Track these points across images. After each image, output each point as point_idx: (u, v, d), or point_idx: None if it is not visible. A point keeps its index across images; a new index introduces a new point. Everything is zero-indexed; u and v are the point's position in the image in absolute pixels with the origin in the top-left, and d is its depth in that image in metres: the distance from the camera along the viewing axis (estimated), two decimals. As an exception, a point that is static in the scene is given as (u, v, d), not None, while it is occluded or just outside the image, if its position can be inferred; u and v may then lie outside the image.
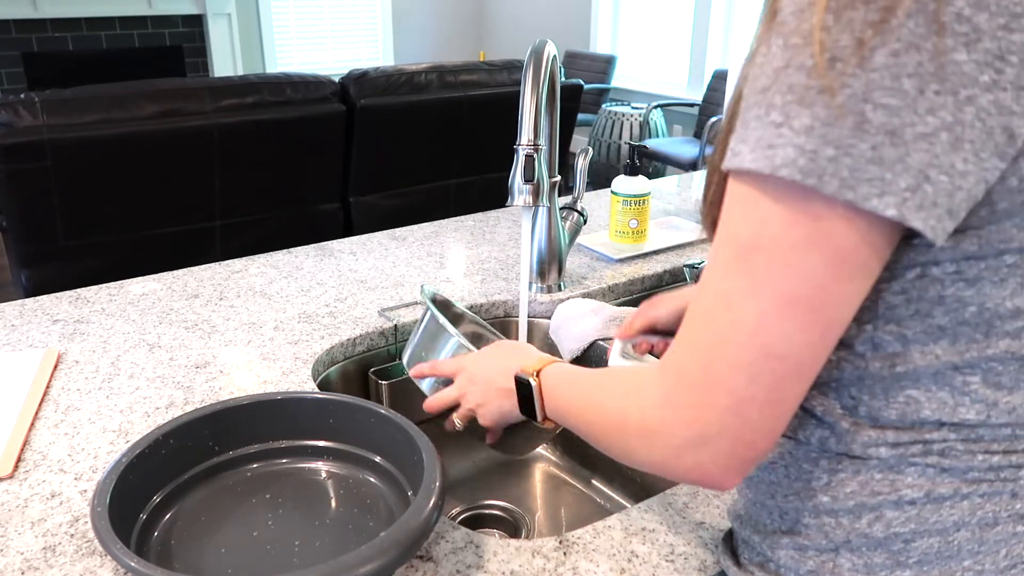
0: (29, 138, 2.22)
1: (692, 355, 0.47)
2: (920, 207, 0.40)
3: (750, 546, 0.59)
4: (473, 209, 2.59)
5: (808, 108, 0.40)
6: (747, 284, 0.44)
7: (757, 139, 0.42)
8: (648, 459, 0.51)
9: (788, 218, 0.42)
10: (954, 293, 0.45)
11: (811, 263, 0.42)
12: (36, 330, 1.12)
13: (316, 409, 0.82)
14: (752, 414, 0.45)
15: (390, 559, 0.60)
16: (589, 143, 5.17)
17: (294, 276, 1.31)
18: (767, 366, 0.44)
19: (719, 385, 0.45)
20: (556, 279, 1.26)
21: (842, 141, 0.39)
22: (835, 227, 0.41)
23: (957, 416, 0.48)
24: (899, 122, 0.39)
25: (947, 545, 0.50)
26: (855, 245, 0.42)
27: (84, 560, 0.69)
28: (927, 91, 0.38)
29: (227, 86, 2.55)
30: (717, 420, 0.46)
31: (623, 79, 5.63)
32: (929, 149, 0.39)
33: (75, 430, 0.88)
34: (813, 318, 0.43)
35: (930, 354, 0.47)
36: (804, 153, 0.40)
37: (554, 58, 1.02)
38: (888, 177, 0.39)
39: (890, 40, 0.38)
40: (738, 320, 0.44)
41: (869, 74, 0.39)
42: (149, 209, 2.52)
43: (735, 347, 0.44)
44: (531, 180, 0.97)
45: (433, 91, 2.92)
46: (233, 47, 6.00)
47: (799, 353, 0.44)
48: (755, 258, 0.43)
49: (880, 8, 0.38)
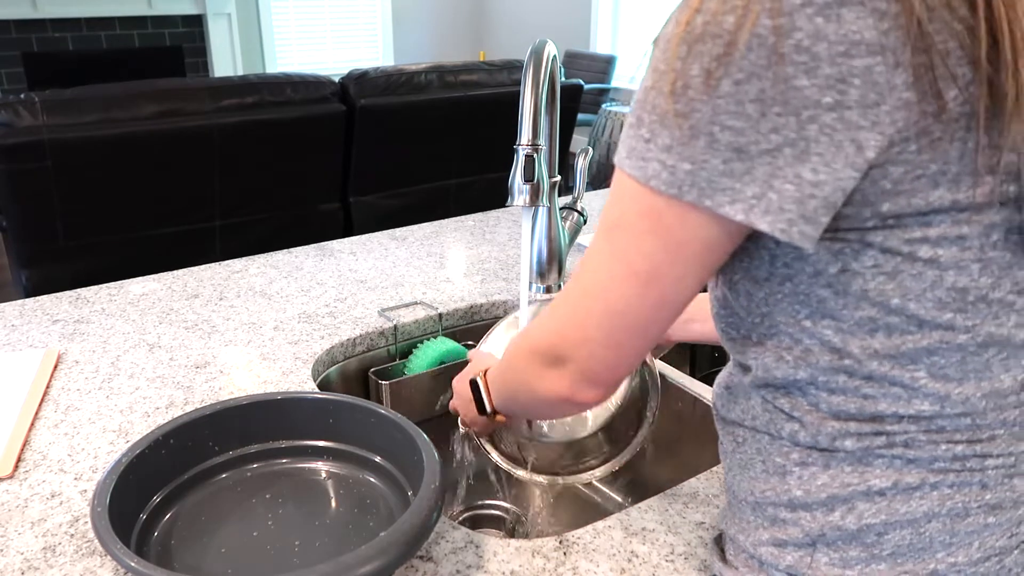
0: (29, 138, 2.22)
1: (564, 298, 0.57)
2: (766, 212, 0.45)
3: (735, 544, 0.61)
4: (473, 209, 2.59)
5: (667, 129, 0.46)
6: (607, 253, 0.52)
7: (631, 148, 0.49)
8: (531, 382, 0.61)
9: (641, 211, 0.49)
10: (876, 287, 0.49)
11: (652, 247, 0.50)
12: (36, 330, 1.12)
13: (316, 409, 0.82)
14: (596, 351, 0.55)
15: (390, 559, 0.60)
16: (589, 143, 5.17)
17: (294, 276, 1.31)
18: (609, 319, 0.53)
19: (575, 323, 0.55)
20: (556, 279, 1.26)
21: (696, 157, 0.46)
22: (673, 223, 0.48)
23: (913, 408, 0.51)
24: (744, 140, 0.44)
25: (919, 537, 0.52)
26: (687, 238, 0.49)
27: (84, 560, 0.69)
28: (769, 113, 0.43)
29: (227, 86, 2.55)
30: (571, 348, 0.56)
31: (623, 79, 5.62)
32: (772, 162, 0.44)
33: (75, 430, 0.88)
34: (648, 288, 0.51)
35: (868, 348, 0.50)
36: (666, 167, 0.47)
37: (554, 58, 1.02)
38: (737, 187, 0.45)
39: (733, 71, 0.44)
40: (596, 280, 0.53)
41: (715, 100, 0.44)
42: (149, 209, 2.52)
43: (591, 299, 0.54)
44: (531, 180, 0.97)
45: (433, 91, 2.92)
46: (233, 47, 6.00)
47: (636, 313, 0.52)
48: (615, 234, 0.52)
49: (725, 43, 0.44)
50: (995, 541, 0.52)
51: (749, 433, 0.58)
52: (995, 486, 0.52)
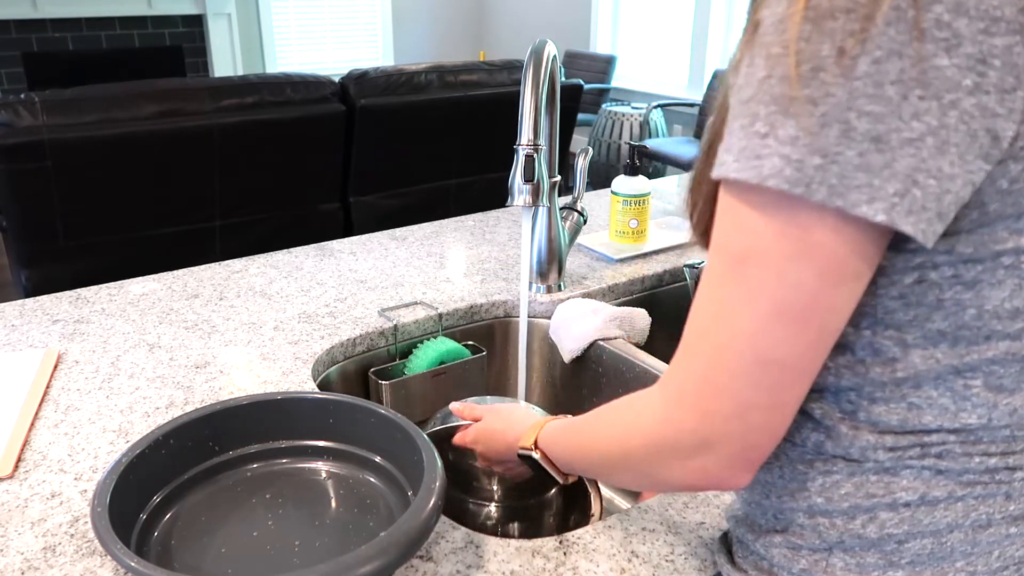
0: (29, 138, 2.22)
1: (692, 366, 0.48)
2: (909, 211, 0.40)
3: (744, 545, 0.60)
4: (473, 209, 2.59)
5: (793, 118, 0.40)
6: (741, 293, 0.44)
7: (741, 149, 0.43)
8: (658, 475, 0.53)
9: (778, 230, 0.42)
10: (952, 296, 0.45)
11: (801, 274, 0.43)
12: (36, 330, 1.12)
13: (316, 409, 0.82)
14: (755, 418, 0.46)
15: (390, 559, 0.60)
16: (589, 143, 5.16)
17: (294, 276, 1.31)
18: (765, 372, 0.45)
19: (721, 392, 0.46)
20: (556, 279, 1.26)
21: (828, 149, 0.40)
22: (824, 238, 0.42)
23: (959, 421, 0.48)
24: (884, 128, 0.39)
25: (940, 546, 0.50)
26: (845, 255, 0.42)
27: (84, 560, 0.69)
28: (911, 96, 0.39)
29: (227, 86, 2.55)
30: (721, 426, 0.47)
31: (623, 79, 5.62)
32: (916, 154, 0.39)
33: (75, 430, 0.88)
34: (806, 325, 0.44)
35: (931, 358, 0.47)
36: (790, 163, 0.41)
37: (554, 58, 1.02)
38: (876, 183, 0.40)
39: (871, 48, 0.39)
40: (734, 328, 0.45)
41: (852, 82, 0.39)
42: (149, 209, 2.52)
43: (733, 355, 0.45)
44: (531, 180, 0.97)
45: (433, 91, 2.92)
46: (233, 47, 6.00)
47: (796, 359, 0.45)
48: (747, 267, 0.44)
49: (860, 17, 0.39)
50: (1015, 551, 0.51)
51: None
52: (1019, 497, 0.50)
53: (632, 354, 1.11)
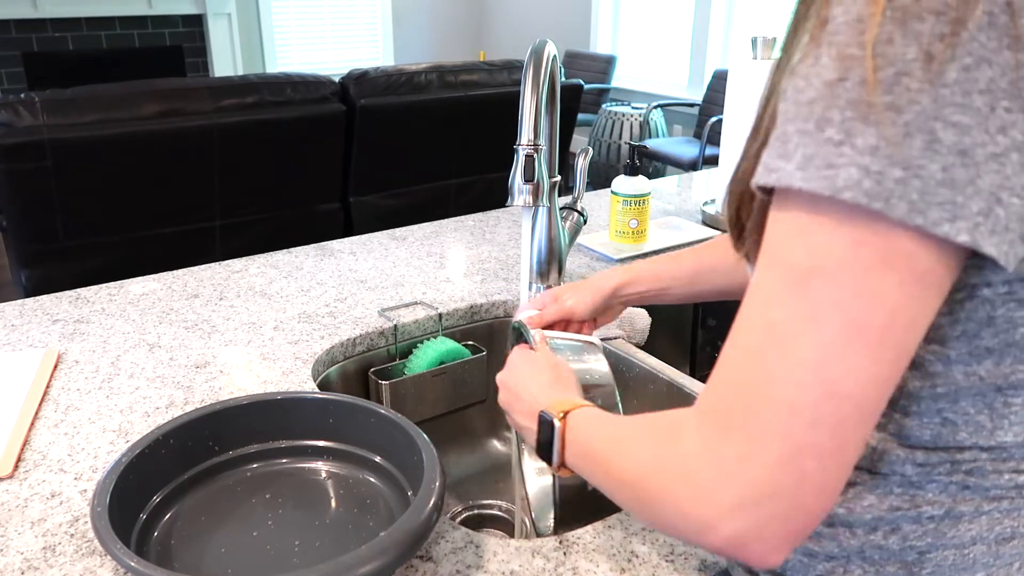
0: (29, 138, 2.22)
1: (736, 396, 0.41)
2: (993, 232, 0.37)
3: None
4: (473, 209, 2.59)
5: (873, 126, 0.37)
6: (805, 313, 0.39)
7: (808, 157, 0.39)
8: (681, 524, 0.44)
9: (856, 238, 0.38)
10: (1004, 314, 0.43)
11: (884, 286, 0.38)
12: (36, 330, 1.12)
13: (316, 409, 0.82)
14: (811, 466, 0.39)
15: (390, 559, 0.60)
16: (589, 143, 5.16)
17: (294, 276, 1.31)
18: (829, 407, 0.39)
19: (771, 431, 0.40)
20: (556, 279, 1.26)
21: (911, 162, 0.37)
22: (909, 247, 0.38)
23: (995, 439, 0.47)
24: (970, 141, 0.37)
25: (963, 558, 0.49)
26: (931, 266, 0.38)
27: (84, 560, 0.69)
28: (998, 108, 0.37)
29: (227, 86, 2.55)
30: (768, 476, 0.40)
31: (623, 79, 5.62)
32: (1000, 170, 0.37)
33: (75, 430, 0.88)
34: (884, 348, 0.39)
35: (973, 375, 0.45)
36: (870, 174, 0.37)
37: (554, 58, 1.02)
38: (960, 200, 0.37)
39: (962, 54, 0.36)
40: (795, 355, 0.39)
41: (939, 90, 0.36)
42: (149, 209, 2.52)
43: (793, 386, 0.39)
44: (531, 180, 0.97)
45: (433, 91, 2.92)
46: (233, 47, 6.00)
47: (865, 389, 0.39)
48: (815, 284, 0.39)
49: (950, 20, 0.36)
50: None
51: None
52: None
53: (632, 354, 1.11)
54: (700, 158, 4.24)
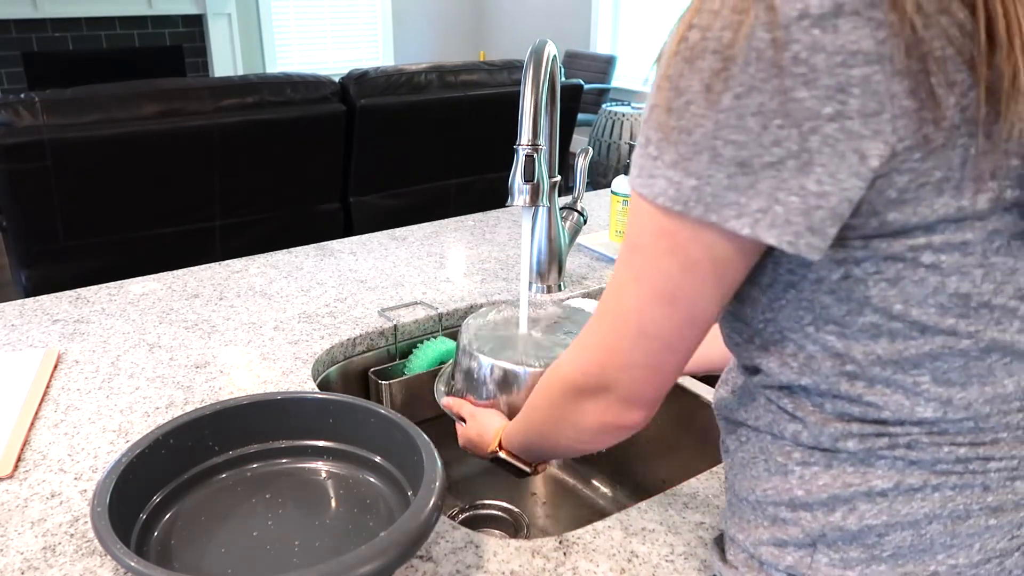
0: (29, 138, 2.22)
1: (597, 327, 0.57)
2: (772, 225, 0.45)
3: (735, 543, 0.61)
4: (473, 209, 2.58)
5: (673, 145, 0.47)
6: (631, 276, 0.53)
7: (640, 167, 0.49)
8: (575, 417, 0.62)
9: (656, 230, 0.50)
10: (879, 293, 0.49)
11: (670, 267, 0.50)
12: (36, 330, 1.12)
13: (316, 409, 0.82)
14: (637, 374, 0.56)
15: (390, 559, 0.60)
16: (589, 143, 5.16)
17: (294, 276, 1.31)
18: (644, 342, 0.54)
19: (612, 351, 0.56)
20: (556, 279, 1.26)
21: (701, 172, 0.46)
22: (685, 241, 0.49)
23: (916, 415, 0.51)
24: (747, 154, 0.44)
25: (920, 538, 0.52)
26: (701, 256, 0.49)
27: (84, 560, 0.69)
28: (771, 126, 0.44)
29: (227, 86, 2.55)
30: (613, 375, 0.56)
31: (623, 79, 5.62)
32: (776, 175, 0.44)
33: (75, 430, 0.88)
34: (673, 309, 0.51)
35: (871, 353, 0.50)
36: (672, 184, 0.47)
37: (554, 58, 1.02)
38: (743, 201, 0.45)
39: (733, 85, 0.44)
40: (625, 304, 0.54)
41: (717, 115, 0.44)
42: (149, 209, 2.52)
43: (623, 324, 0.54)
44: (531, 180, 0.97)
45: (433, 91, 2.91)
46: (233, 47, 6.00)
47: (668, 334, 0.53)
48: (635, 256, 0.52)
49: (724, 57, 0.44)
50: (996, 543, 0.52)
51: (752, 432, 0.58)
52: (997, 488, 0.52)
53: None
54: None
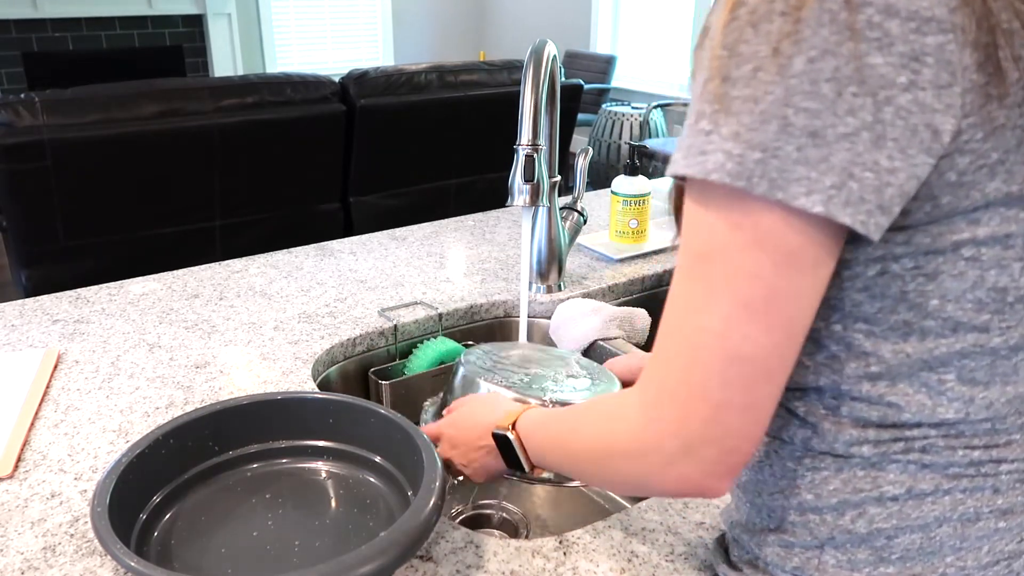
0: (29, 138, 2.22)
1: (667, 366, 0.48)
2: (847, 203, 0.42)
3: (739, 545, 0.60)
4: (473, 209, 2.59)
5: (734, 116, 0.42)
6: (704, 290, 0.45)
7: (689, 146, 0.44)
8: (636, 479, 0.52)
9: (731, 222, 0.44)
10: (915, 288, 0.47)
11: (758, 265, 0.43)
12: (36, 330, 1.12)
13: (316, 409, 0.82)
14: (731, 420, 0.46)
15: (390, 559, 0.60)
16: (589, 143, 5.16)
17: (294, 276, 1.31)
18: (736, 370, 0.45)
19: (696, 393, 0.46)
20: (556, 279, 1.26)
21: (767, 144, 0.42)
22: (775, 227, 0.43)
23: (937, 416, 0.50)
24: (820, 124, 0.41)
25: (929, 541, 0.51)
26: (799, 243, 0.43)
27: (84, 560, 0.69)
28: (845, 93, 0.41)
29: (227, 86, 2.55)
30: (699, 429, 0.47)
31: (623, 79, 5.62)
32: (851, 148, 0.41)
33: (75, 430, 0.88)
34: (769, 318, 0.44)
35: (901, 352, 0.49)
36: (731, 157, 0.42)
37: (554, 58, 1.02)
38: (814, 176, 0.41)
39: (805, 48, 0.41)
40: (702, 326, 0.45)
41: (788, 80, 0.41)
42: (149, 209, 2.52)
43: (705, 352, 0.45)
44: (531, 180, 0.97)
45: (433, 91, 2.91)
46: (233, 47, 6.00)
47: (766, 353, 0.45)
48: (707, 264, 0.45)
49: (794, 20, 0.41)
50: (1004, 545, 0.52)
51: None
52: (1007, 491, 0.51)
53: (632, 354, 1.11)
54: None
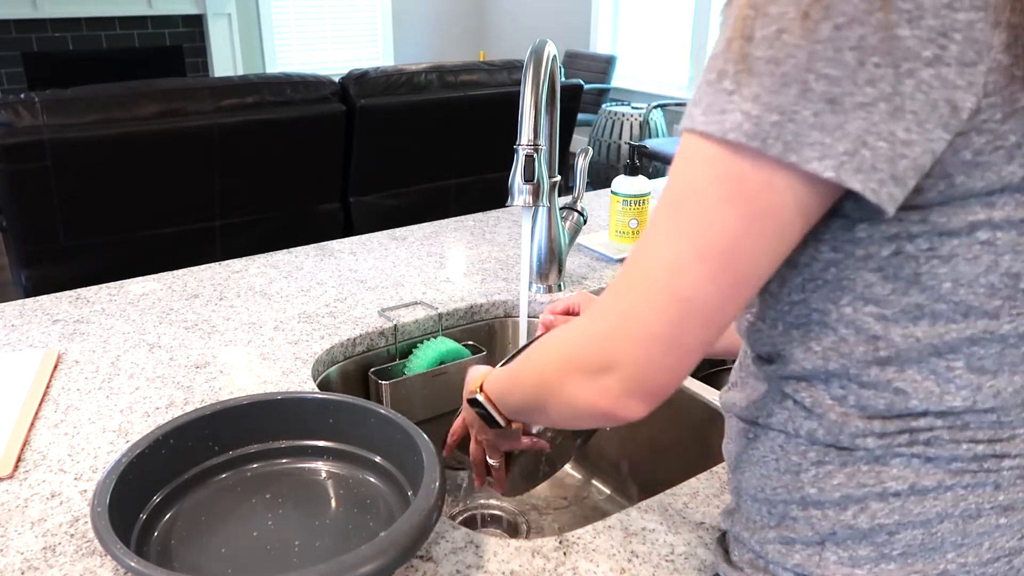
0: (29, 138, 2.22)
1: (615, 290, 0.50)
2: (858, 170, 0.42)
3: (740, 542, 0.60)
4: (473, 209, 2.58)
5: (756, 77, 0.42)
6: (671, 230, 0.46)
7: (709, 104, 0.44)
8: (567, 393, 0.54)
9: (716, 176, 0.44)
10: (929, 270, 0.47)
11: (728, 218, 0.44)
12: (36, 330, 1.12)
13: (316, 409, 0.82)
14: (655, 351, 0.48)
15: (390, 559, 0.60)
16: (589, 143, 5.16)
17: (294, 276, 1.31)
18: (675, 308, 0.47)
19: (631, 318, 0.48)
20: (556, 279, 1.26)
21: (786, 107, 0.42)
22: (755, 187, 0.44)
23: (944, 404, 0.50)
24: (839, 91, 0.41)
25: (931, 537, 0.51)
26: (771, 205, 0.44)
27: (84, 560, 0.69)
28: (867, 63, 0.41)
29: (227, 86, 2.55)
30: (625, 350, 0.49)
31: (623, 79, 5.62)
32: (867, 117, 0.41)
33: (75, 430, 0.88)
34: (722, 269, 0.45)
35: (911, 336, 0.48)
36: (750, 118, 0.43)
37: (554, 58, 1.02)
38: (828, 141, 0.42)
39: (834, 14, 0.40)
40: (657, 262, 0.47)
41: (813, 45, 0.41)
42: (149, 209, 2.52)
43: (651, 285, 0.47)
44: (531, 180, 0.97)
45: (433, 91, 2.91)
46: (233, 47, 6.00)
47: (706, 300, 0.46)
48: (681, 208, 0.46)
49: None
50: (1005, 542, 0.52)
51: (762, 431, 0.57)
52: (1008, 487, 0.51)
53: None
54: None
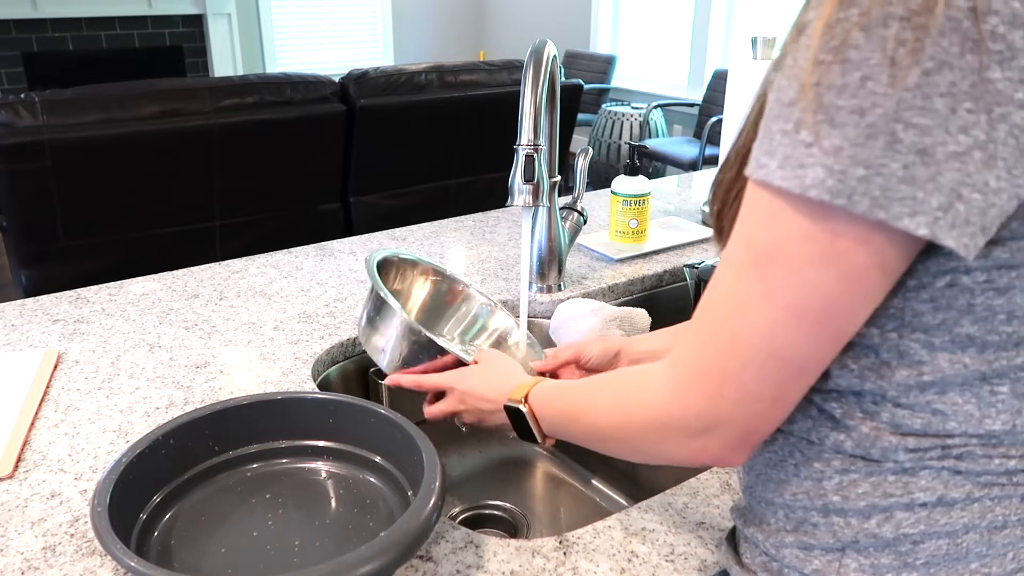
0: (29, 138, 2.22)
1: (705, 351, 0.49)
2: (953, 226, 0.40)
3: (754, 545, 0.59)
4: (473, 209, 2.59)
5: (839, 128, 0.40)
6: (761, 290, 0.45)
7: (786, 156, 0.42)
8: (657, 451, 0.55)
9: (807, 234, 0.43)
10: (984, 302, 0.45)
11: (823, 279, 0.43)
12: (36, 330, 1.12)
13: (316, 409, 0.82)
14: (758, 407, 0.48)
15: (390, 559, 0.60)
16: (589, 143, 5.16)
17: (294, 276, 1.31)
18: (774, 367, 0.46)
19: (730, 380, 0.48)
20: (556, 279, 1.26)
21: (872, 161, 0.40)
22: (851, 246, 0.42)
23: (983, 428, 0.48)
24: (931, 141, 0.39)
25: (955, 547, 0.50)
26: (869, 265, 0.43)
27: (84, 560, 0.69)
28: (959, 110, 0.38)
29: (227, 86, 2.55)
30: (727, 410, 0.49)
31: (623, 79, 5.62)
32: (961, 168, 0.39)
33: (75, 430, 0.88)
34: (820, 327, 0.45)
35: (958, 362, 0.47)
36: (833, 173, 0.40)
37: (554, 58, 1.02)
38: (920, 196, 0.39)
39: (923, 59, 0.38)
40: (751, 323, 0.46)
41: (901, 93, 0.39)
42: (149, 209, 2.52)
43: (747, 347, 0.47)
44: (531, 180, 0.97)
45: (433, 91, 2.91)
46: (233, 47, 6.00)
47: (804, 357, 0.46)
48: (770, 267, 0.45)
49: (914, 26, 0.38)
50: None
51: (781, 436, 0.55)
52: None
53: (632, 354, 1.11)
54: (700, 158, 4.24)
